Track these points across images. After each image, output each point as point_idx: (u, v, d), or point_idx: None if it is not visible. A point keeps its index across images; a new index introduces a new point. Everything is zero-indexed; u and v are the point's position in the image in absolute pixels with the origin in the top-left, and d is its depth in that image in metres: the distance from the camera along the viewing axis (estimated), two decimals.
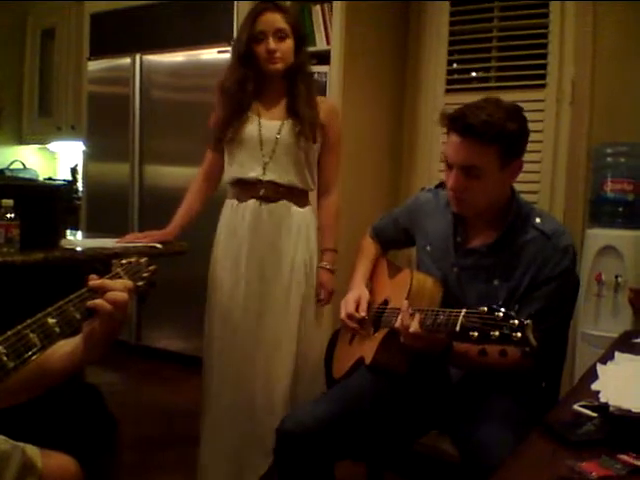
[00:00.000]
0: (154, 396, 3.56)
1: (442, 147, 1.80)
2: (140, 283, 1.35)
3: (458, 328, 1.38)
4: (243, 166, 2.31)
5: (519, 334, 1.27)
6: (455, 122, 1.62)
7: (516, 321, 1.28)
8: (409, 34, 3.78)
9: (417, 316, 1.53)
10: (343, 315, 1.92)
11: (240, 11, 3.53)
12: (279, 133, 2.29)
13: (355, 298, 1.93)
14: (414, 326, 1.52)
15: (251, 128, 2.29)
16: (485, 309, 1.34)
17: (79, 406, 2.38)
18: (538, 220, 1.71)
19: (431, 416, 1.78)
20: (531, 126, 3.20)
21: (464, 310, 1.40)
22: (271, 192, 2.31)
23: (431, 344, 1.55)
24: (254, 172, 2.30)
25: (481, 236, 1.75)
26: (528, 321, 1.28)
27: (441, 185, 1.93)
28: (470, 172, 1.62)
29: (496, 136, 1.58)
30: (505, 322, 1.30)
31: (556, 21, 3.31)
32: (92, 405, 2.42)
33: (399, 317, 1.59)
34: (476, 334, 1.33)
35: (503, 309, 1.32)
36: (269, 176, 2.29)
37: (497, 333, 1.30)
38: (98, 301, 1.17)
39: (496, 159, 1.61)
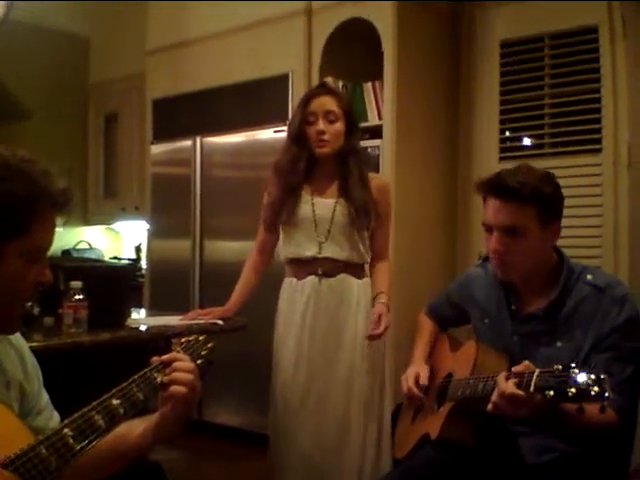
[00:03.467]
0: (216, 474, 3.53)
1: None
2: (199, 361, 1.37)
3: (532, 388, 1.36)
4: (299, 246, 2.36)
5: (597, 388, 1.26)
6: (492, 186, 1.69)
7: (593, 376, 1.27)
8: (460, 105, 3.83)
9: (512, 381, 1.44)
10: (405, 389, 1.91)
11: (295, 92, 3.66)
12: (333, 213, 2.33)
13: (415, 372, 1.93)
14: (516, 390, 1.41)
15: (305, 209, 2.35)
16: (560, 367, 1.33)
17: None
18: (590, 277, 1.71)
19: None
20: (589, 191, 3.29)
21: (537, 370, 1.38)
22: (329, 268, 2.34)
23: (540, 409, 1.44)
24: (310, 251, 2.34)
25: (535, 301, 1.75)
26: (604, 375, 1.27)
27: (488, 258, 1.94)
28: (510, 233, 1.66)
29: (533, 196, 1.64)
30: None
31: (608, 85, 3.30)
32: None
33: (498, 388, 1.47)
34: (552, 393, 1.31)
35: (578, 366, 1.31)
36: (325, 253, 2.33)
37: (574, 390, 1.28)
38: (173, 386, 1.21)
39: (535, 219, 1.66)
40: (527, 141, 3.69)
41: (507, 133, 3.73)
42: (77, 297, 2.10)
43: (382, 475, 2.23)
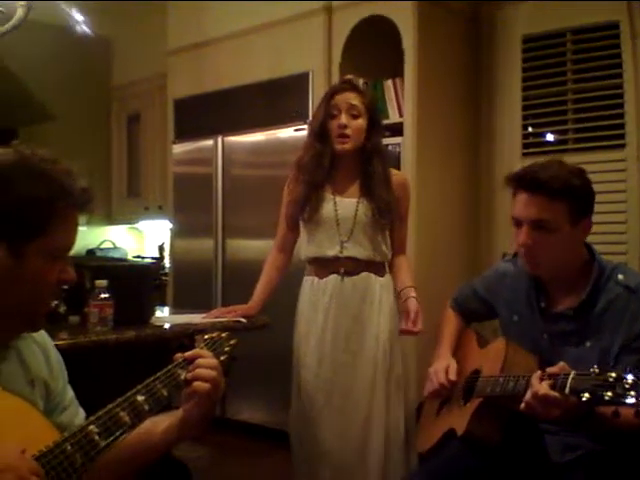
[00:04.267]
0: (239, 470, 3.55)
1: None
2: (222, 358, 1.38)
3: (568, 390, 1.36)
4: (321, 246, 2.36)
5: (633, 392, 1.26)
6: (523, 179, 1.68)
7: (630, 379, 1.27)
8: (481, 100, 3.81)
9: (546, 382, 1.45)
10: (435, 385, 1.88)
11: (315, 91, 3.67)
12: (356, 213, 2.33)
13: (444, 366, 1.90)
14: (550, 391, 1.42)
15: (328, 208, 2.34)
16: (596, 370, 1.33)
17: None
18: (621, 277, 1.68)
19: None
20: (613, 186, 3.26)
21: (573, 372, 1.38)
22: (351, 267, 2.34)
23: (573, 411, 1.44)
24: (332, 251, 2.34)
25: (565, 300, 1.73)
26: None
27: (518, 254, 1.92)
28: (540, 227, 1.65)
29: (564, 191, 1.62)
30: (618, 382, 1.28)
31: (630, 81, 3.27)
32: None
33: (531, 389, 1.48)
34: (587, 395, 1.31)
35: (615, 370, 1.31)
36: (347, 253, 2.33)
37: (610, 393, 1.28)
38: (197, 383, 1.22)
39: (566, 215, 1.64)
40: (550, 137, 3.66)
41: (530, 129, 3.70)
42: (102, 296, 2.12)
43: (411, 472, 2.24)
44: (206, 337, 1.41)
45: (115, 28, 5.24)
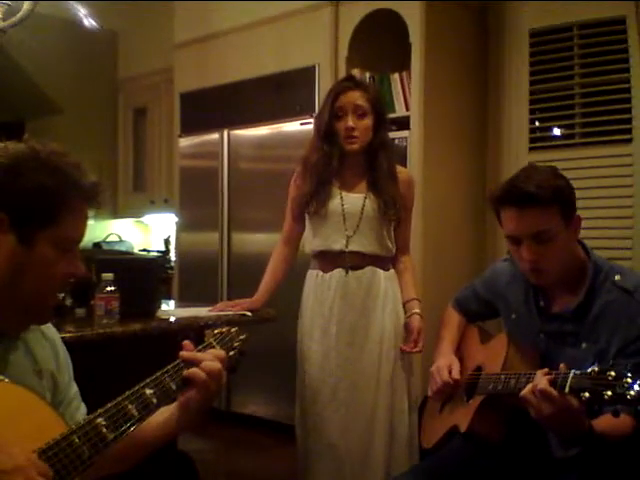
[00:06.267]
0: (244, 464, 3.56)
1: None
2: (231, 353, 1.38)
3: (567, 389, 1.35)
4: (327, 239, 2.36)
5: (632, 392, 1.25)
6: (511, 195, 1.65)
7: (629, 379, 1.26)
8: (488, 94, 3.80)
9: (546, 377, 1.43)
10: (439, 383, 1.87)
11: (321, 84, 3.66)
12: (363, 208, 2.33)
13: (447, 365, 1.89)
14: (548, 387, 1.41)
15: (334, 202, 2.35)
16: (596, 369, 1.32)
17: (173, 474, 2.42)
18: (618, 277, 1.66)
19: None
20: (620, 181, 3.26)
21: (572, 371, 1.38)
22: (356, 261, 2.34)
23: (566, 413, 1.42)
24: (338, 244, 2.34)
25: (563, 299, 1.72)
26: None
27: None
28: (540, 238, 1.63)
29: (553, 196, 1.61)
30: (618, 381, 1.27)
31: (637, 75, 3.26)
32: (185, 474, 2.46)
33: (532, 382, 1.47)
34: (587, 395, 1.30)
35: (615, 369, 1.30)
36: (353, 247, 2.33)
37: (610, 392, 1.27)
38: (193, 370, 1.22)
39: (559, 218, 1.63)
40: (557, 131, 3.65)
41: (537, 123, 3.68)
42: (109, 289, 2.12)
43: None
44: (216, 332, 1.41)
45: (122, 21, 5.24)
